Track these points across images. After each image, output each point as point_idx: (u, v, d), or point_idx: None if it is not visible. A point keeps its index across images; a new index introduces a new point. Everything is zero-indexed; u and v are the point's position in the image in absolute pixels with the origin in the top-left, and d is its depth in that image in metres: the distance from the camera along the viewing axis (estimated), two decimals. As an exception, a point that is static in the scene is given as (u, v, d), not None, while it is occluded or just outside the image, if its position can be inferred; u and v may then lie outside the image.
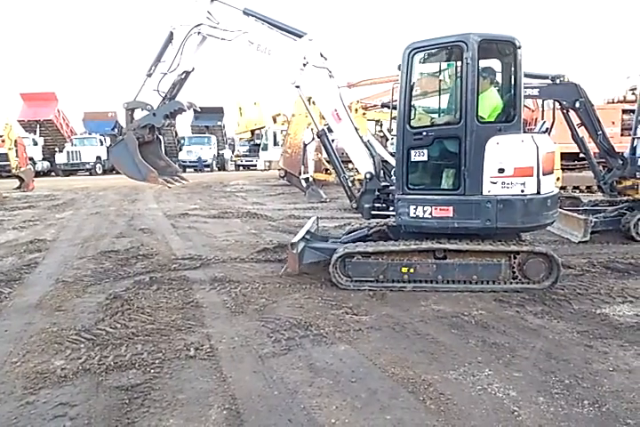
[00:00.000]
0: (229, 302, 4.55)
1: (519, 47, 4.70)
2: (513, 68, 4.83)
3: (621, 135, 14.53)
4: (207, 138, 31.53)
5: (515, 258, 4.75)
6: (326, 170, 15.21)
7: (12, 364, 3.32)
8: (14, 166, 15.94)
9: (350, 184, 5.50)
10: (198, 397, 2.88)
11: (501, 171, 4.59)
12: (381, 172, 5.45)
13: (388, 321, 4.04)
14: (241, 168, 32.80)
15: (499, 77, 5.15)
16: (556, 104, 8.44)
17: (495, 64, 5.20)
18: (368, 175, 5.30)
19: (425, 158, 4.87)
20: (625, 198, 7.90)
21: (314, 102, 5.59)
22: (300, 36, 5.22)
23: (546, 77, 7.80)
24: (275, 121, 25.49)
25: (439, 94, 5.12)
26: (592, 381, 3.00)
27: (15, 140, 15.85)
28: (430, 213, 4.77)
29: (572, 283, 5.02)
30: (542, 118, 11.00)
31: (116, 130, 30.40)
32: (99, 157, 27.73)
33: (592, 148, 8.21)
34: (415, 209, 4.83)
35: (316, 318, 4.08)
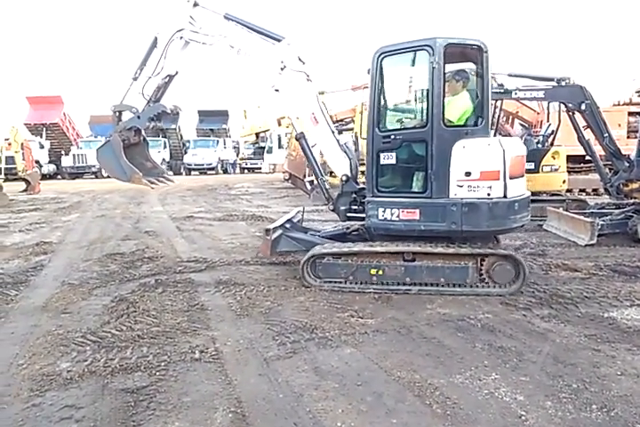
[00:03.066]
0: (234, 305, 4.54)
1: (486, 51, 4.73)
2: (480, 73, 4.85)
3: (627, 137, 14.50)
4: (212, 141, 31.63)
5: (482, 261, 4.75)
6: (331, 172, 15.21)
7: (19, 366, 3.33)
8: (21, 169, 16.04)
9: (327, 186, 5.56)
10: (203, 400, 2.87)
11: (468, 174, 4.60)
12: (358, 174, 5.49)
13: (393, 324, 4.02)
14: (246, 171, 32.89)
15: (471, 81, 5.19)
16: (562, 106, 8.44)
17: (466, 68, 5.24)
18: (344, 178, 5.37)
19: (393, 161, 4.93)
20: (632, 201, 7.85)
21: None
22: (278, 41, 5.31)
23: (551, 80, 7.80)
24: (279, 124, 25.55)
25: (407, 98, 5.20)
26: (600, 385, 2.97)
27: (22, 144, 15.95)
28: (398, 216, 4.82)
29: (579, 286, 4.99)
30: (548, 121, 11.05)
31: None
32: (103, 160, 27.85)
33: (598, 150, 8.19)
34: (384, 211, 4.88)
35: (322, 321, 4.07)
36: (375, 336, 3.78)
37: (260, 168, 31.22)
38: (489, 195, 4.55)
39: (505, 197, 4.57)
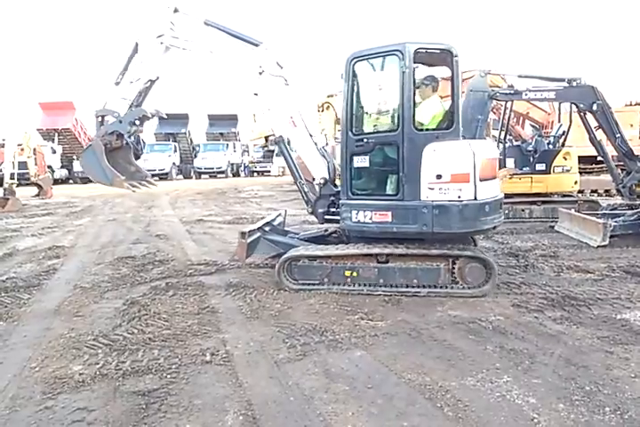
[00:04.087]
0: (245, 308, 4.55)
1: (456, 56, 4.77)
2: (451, 77, 4.88)
3: (640, 138, 14.32)
4: (222, 145, 31.77)
5: (454, 263, 4.79)
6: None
7: (31, 369, 3.36)
8: (33, 174, 16.21)
9: (306, 190, 5.61)
10: (214, 402, 2.88)
11: (439, 177, 4.64)
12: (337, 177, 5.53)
13: (403, 327, 4.01)
14: (255, 174, 32.99)
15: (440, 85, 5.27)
16: (573, 107, 8.36)
17: (438, 72, 5.33)
18: (322, 181, 5.45)
19: (367, 164, 5.00)
20: (644, 202, 7.76)
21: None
22: (256, 46, 5.39)
23: (562, 80, 7.73)
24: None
25: (379, 102, 5.23)
26: (613, 387, 2.94)
27: (34, 149, 16.11)
28: (371, 218, 4.87)
29: (592, 288, 4.94)
30: (559, 121, 10.97)
31: (132, 138, 30.78)
32: (115, 165, 28.09)
33: (610, 151, 8.11)
34: (357, 214, 4.94)
35: (332, 324, 4.07)
36: (385, 339, 3.77)
37: (270, 171, 31.32)
38: (459, 197, 4.60)
39: (475, 199, 4.62)
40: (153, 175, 27.63)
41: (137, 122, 5.75)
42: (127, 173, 5.95)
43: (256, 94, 5.45)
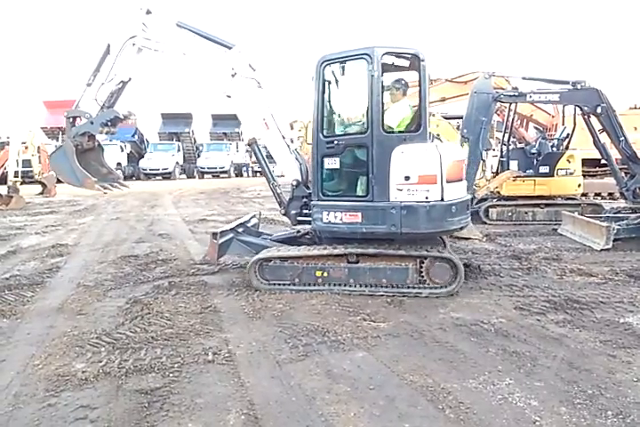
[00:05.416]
0: (247, 308, 4.56)
1: (423, 60, 4.86)
2: (418, 80, 4.94)
3: (644, 141, 14.27)
4: (225, 145, 31.80)
5: (422, 263, 4.86)
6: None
7: (34, 366, 3.37)
8: (37, 172, 16.26)
9: (279, 191, 5.65)
10: (216, 401, 2.89)
11: (407, 178, 4.72)
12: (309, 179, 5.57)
13: (406, 328, 4.01)
14: (258, 174, 32.96)
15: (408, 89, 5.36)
16: (577, 110, 8.35)
17: (407, 76, 5.40)
18: (294, 182, 5.47)
19: (337, 166, 5.09)
20: (648, 205, 7.75)
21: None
22: (229, 48, 5.42)
23: (566, 83, 7.73)
24: (292, 128, 25.62)
25: (349, 105, 5.35)
26: (616, 391, 2.93)
27: (38, 147, 16.16)
28: (341, 219, 4.94)
29: (595, 291, 4.93)
30: (563, 124, 10.95)
31: (136, 137, 30.86)
32: (119, 164, 28.12)
33: (614, 154, 8.10)
34: (328, 215, 5.01)
35: (334, 325, 4.07)
36: (387, 340, 3.77)
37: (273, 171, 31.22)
38: (427, 198, 4.69)
39: (442, 200, 4.70)
40: (156, 174, 27.57)
41: (109, 123, 5.74)
42: (99, 174, 5.96)
43: (229, 96, 5.48)
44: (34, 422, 2.69)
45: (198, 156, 31.53)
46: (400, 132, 4.99)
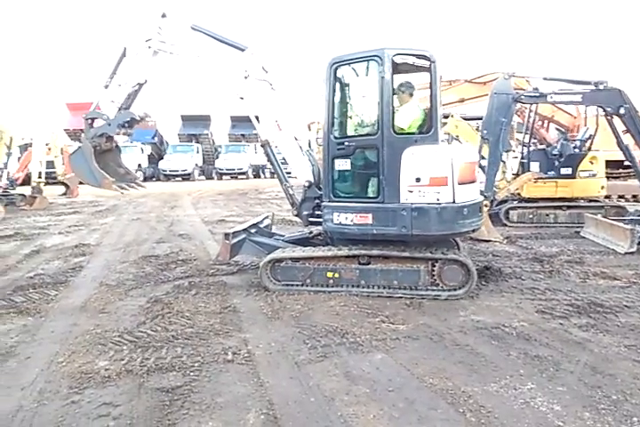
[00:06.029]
0: (266, 308, 4.58)
1: (434, 61, 4.80)
2: (429, 82, 4.90)
3: (669, 142, 13.96)
4: (243, 146, 31.97)
5: (433, 265, 4.82)
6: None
7: (58, 364, 3.44)
8: (60, 173, 16.55)
9: (292, 192, 5.69)
10: (236, 400, 2.91)
11: (418, 180, 4.69)
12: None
13: (425, 331, 3.98)
14: (276, 175, 33.03)
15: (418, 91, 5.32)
16: (600, 110, 8.21)
17: (419, 77, 5.39)
18: (307, 184, 5.51)
19: (348, 167, 5.08)
20: (674, 208, 7.57)
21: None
22: (242, 50, 5.46)
23: (588, 83, 7.61)
24: (309, 129, 25.66)
25: (360, 106, 5.31)
26: (641, 397, 2.88)
27: (61, 149, 16.44)
28: (352, 220, 4.92)
29: (619, 295, 4.84)
30: (585, 125, 10.77)
31: (156, 138, 31.21)
32: (139, 165, 28.44)
33: (638, 155, 7.94)
34: (339, 216, 5.00)
35: (352, 326, 4.07)
36: (407, 342, 3.75)
37: (290, 173, 31.34)
38: (438, 200, 4.65)
39: (454, 202, 4.65)
40: (176, 176, 27.73)
41: (126, 124, 5.86)
42: (117, 175, 6.08)
43: (242, 98, 5.53)
44: (58, 419, 2.74)
45: (217, 157, 31.73)
46: (411, 133, 4.96)
